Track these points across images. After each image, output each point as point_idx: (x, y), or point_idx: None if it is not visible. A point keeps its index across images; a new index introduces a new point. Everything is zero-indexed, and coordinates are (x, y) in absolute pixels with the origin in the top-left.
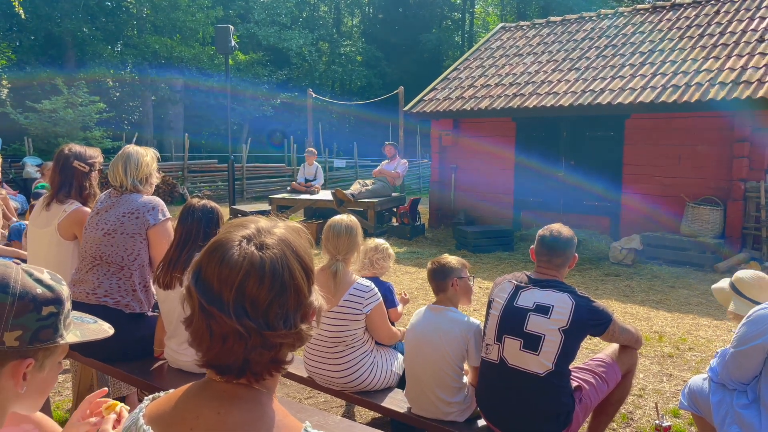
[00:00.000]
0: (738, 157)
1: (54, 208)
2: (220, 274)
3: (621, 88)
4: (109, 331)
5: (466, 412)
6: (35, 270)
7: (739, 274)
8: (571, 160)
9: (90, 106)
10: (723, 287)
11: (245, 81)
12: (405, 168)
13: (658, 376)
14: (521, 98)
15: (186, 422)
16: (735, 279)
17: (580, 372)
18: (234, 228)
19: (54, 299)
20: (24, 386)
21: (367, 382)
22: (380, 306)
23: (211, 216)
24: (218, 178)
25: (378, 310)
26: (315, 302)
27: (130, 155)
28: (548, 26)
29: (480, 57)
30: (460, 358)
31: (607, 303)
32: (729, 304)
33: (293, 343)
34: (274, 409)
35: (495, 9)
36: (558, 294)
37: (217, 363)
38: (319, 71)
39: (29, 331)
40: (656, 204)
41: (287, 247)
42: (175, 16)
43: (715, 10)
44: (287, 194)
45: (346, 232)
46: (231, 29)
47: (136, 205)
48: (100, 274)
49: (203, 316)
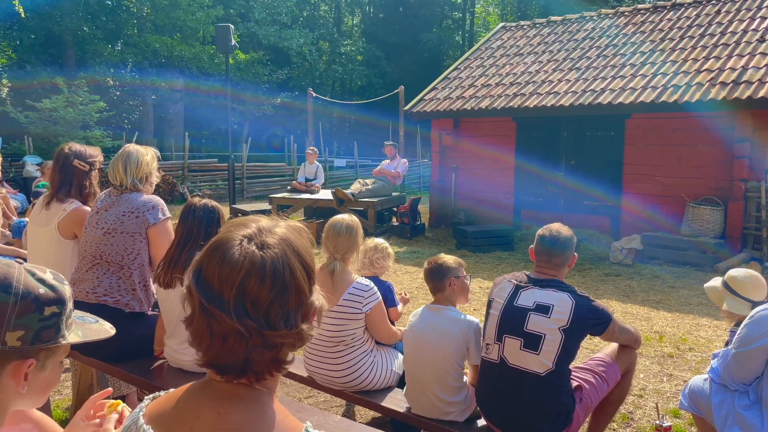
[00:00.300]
0: (739, 157)
1: (54, 207)
2: (221, 273)
3: (622, 88)
4: (111, 331)
5: (466, 412)
6: (38, 270)
7: (732, 272)
8: (572, 160)
9: (90, 106)
10: (716, 286)
11: (245, 80)
12: (405, 168)
13: (658, 376)
14: (522, 98)
15: (186, 422)
16: (728, 278)
17: (580, 371)
18: (235, 227)
19: (56, 299)
20: (25, 386)
21: (367, 381)
22: (380, 305)
23: (212, 215)
24: (218, 177)
25: (378, 309)
26: (316, 302)
27: (131, 154)
28: (549, 26)
29: (480, 56)
30: (461, 357)
31: (608, 303)
32: (722, 303)
33: (294, 342)
34: (275, 409)
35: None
36: (558, 293)
37: (217, 362)
38: (319, 71)
39: (31, 331)
40: (657, 204)
41: (288, 246)
42: (175, 15)
43: (716, 10)
44: (287, 193)
45: (346, 232)
46: (231, 28)
47: (136, 204)
48: (100, 273)
49: (204, 315)
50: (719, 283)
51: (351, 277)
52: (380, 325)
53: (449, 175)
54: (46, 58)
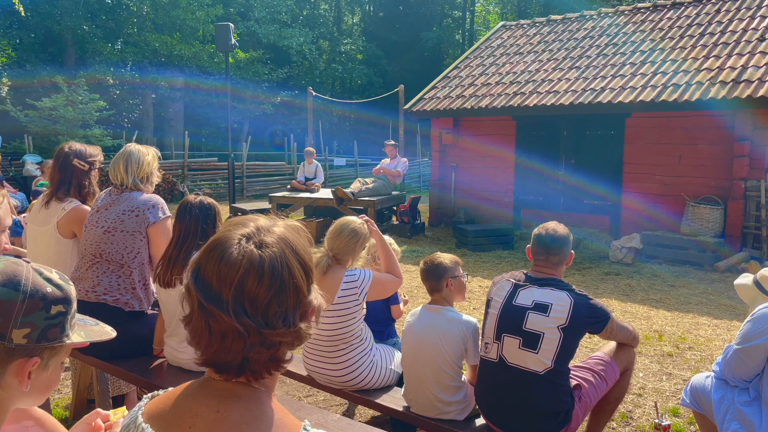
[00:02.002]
0: (738, 156)
1: (53, 206)
2: (220, 272)
3: (621, 87)
4: (112, 333)
5: (465, 411)
6: (44, 269)
7: (764, 271)
8: (572, 159)
9: (90, 104)
10: (746, 283)
11: (245, 79)
12: (405, 167)
13: (657, 375)
14: (522, 97)
15: (185, 420)
16: (760, 276)
17: (579, 370)
18: (233, 226)
19: (63, 298)
20: (28, 384)
21: (367, 380)
22: (374, 278)
23: (209, 212)
24: (218, 176)
25: (375, 282)
26: (314, 301)
27: (132, 153)
28: (549, 25)
29: (480, 55)
30: (459, 357)
31: (607, 302)
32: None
33: (292, 341)
34: (273, 408)
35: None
36: (556, 292)
37: (216, 361)
38: (319, 69)
39: (37, 329)
40: (656, 203)
41: (287, 245)
42: (175, 14)
43: (716, 9)
44: (287, 192)
45: (348, 235)
46: (231, 27)
47: (137, 203)
48: (100, 272)
49: (202, 314)
50: (750, 281)
51: (341, 273)
52: (384, 286)
53: (449, 174)
54: (45, 56)
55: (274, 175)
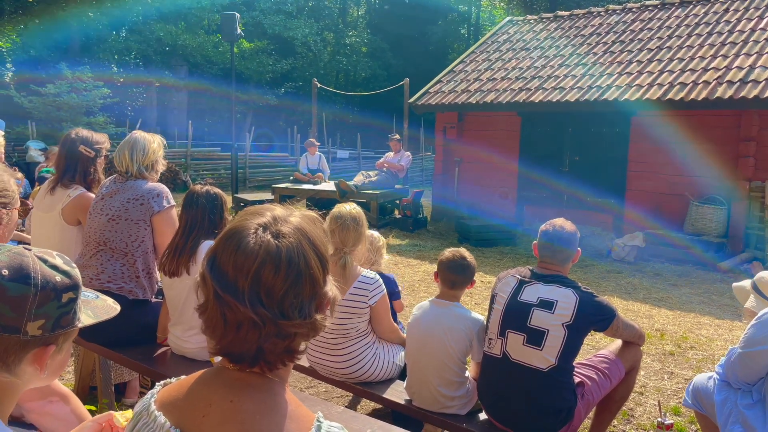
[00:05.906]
0: (744, 156)
1: (58, 193)
2: (236, 261)
3: (628, 85)
4: (115, 306)
5: (468, 406)
6: (47, 255)
7: (763, 274)
8: (576, 156)
9: (94, 92)
10: (744, 286)
11: (250, 69)
12: (409, 161)
13: (659, 374)
14: (527, 93)
15: (198, 409)
16: (757, 279)
17: (583, 368)
18: (250, 216)
19: (72, 285)
20: (45, 370)
21: (369, 373)
22: (384, 298)
23: (216, 202)
24: (221, 166)
25: (382, 302)
26: (330, 292)
27: (137, 141)
28: (556, 20)
29: (486, 50)
30: (464, 353)
31: (609, 300)
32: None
33: (307, 332)
34: (287, 399)
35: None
36: (562, 289)
37: (230, 351)
38: (323, 61)
39: (51, 319)
40: (660, 202)
41: (303, 236)
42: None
43: (724, 8)
44: (290, 184)
45: (354, 224)
46: (237, 17)
47: (141, 191)
48: (104, 260)
49: (218, 303)
50: (748, 284)
51: (357, 270)
52: (383, 318)
53: (453, 169)
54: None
55: (277, 165)
